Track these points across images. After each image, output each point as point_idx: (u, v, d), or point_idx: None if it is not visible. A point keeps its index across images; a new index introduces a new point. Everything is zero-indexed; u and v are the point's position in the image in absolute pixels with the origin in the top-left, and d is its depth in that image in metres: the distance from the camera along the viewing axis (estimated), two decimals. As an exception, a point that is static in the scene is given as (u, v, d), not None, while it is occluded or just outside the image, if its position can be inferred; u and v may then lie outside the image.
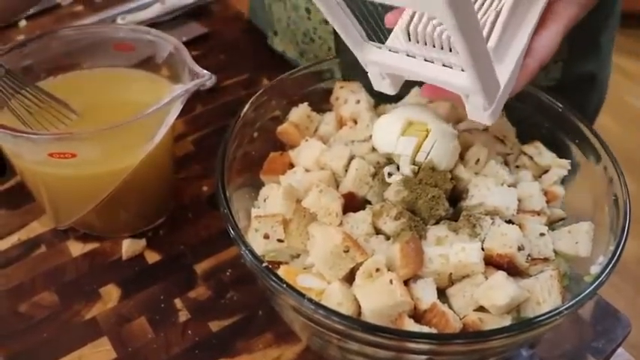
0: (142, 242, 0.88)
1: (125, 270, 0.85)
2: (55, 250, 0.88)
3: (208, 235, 0.89)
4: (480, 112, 0.62)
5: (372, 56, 0.65)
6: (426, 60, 0.62)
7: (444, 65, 0.61)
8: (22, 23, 1.31)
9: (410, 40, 0.63)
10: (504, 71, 0.62)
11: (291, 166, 0.78)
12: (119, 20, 1.26)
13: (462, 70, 0.59)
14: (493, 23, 0.62)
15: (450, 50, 0.60)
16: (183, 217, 0.92)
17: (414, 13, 0.63)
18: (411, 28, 0.62)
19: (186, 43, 1.18)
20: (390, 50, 0.65)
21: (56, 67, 0.90)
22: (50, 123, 0.80)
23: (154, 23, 1.28)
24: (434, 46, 0.61)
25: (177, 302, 0.81)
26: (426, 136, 0.69)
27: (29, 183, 0.84)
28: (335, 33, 1.01)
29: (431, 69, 0.61)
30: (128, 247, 0.87)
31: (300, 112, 0.80)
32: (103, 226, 0.88)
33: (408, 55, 0.63)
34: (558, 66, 1.04)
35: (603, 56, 1.15)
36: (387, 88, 0.69)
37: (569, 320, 0.78)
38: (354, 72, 0.79)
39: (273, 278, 0.59)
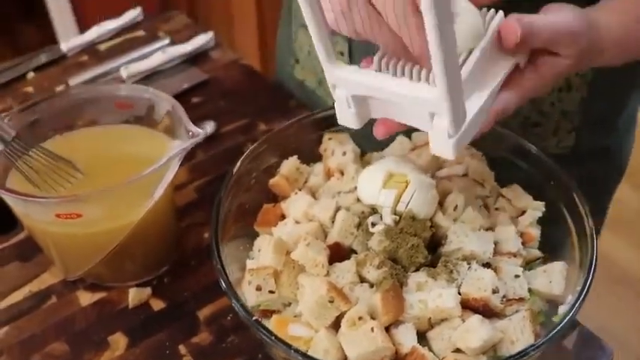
0: (148, 290, 0.93)
1: (132, 318, 0.90)
2: (65, 301, 0.93)
3: (209, 282, 0.93)
4: (444, 140, 0.62)
5: (341, 72, 0.65)
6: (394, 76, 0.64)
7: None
8: (30, 75, 1.36)
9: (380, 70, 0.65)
10: (470, 109, 0.64)
11: (283, 217, 0.82)
12: (122, 70, 1.31)
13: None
14: (462, 63, 0.65)
15: (419, 80, 0.62)
16: (186, 265, 0.96)
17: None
18: (384, 60, 0.64)
19: (188, 90, 1.25)
20: (359, 68, 0.65)
21: (61, 126, 0.95)
22: (57, 182, 0.85)
23: (156, 71, 1.33)
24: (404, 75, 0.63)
25: (182, 348, 0.86)
26: (406, 187, 0.74)
27: (38, 239, 0.90)
28: None
29: (400, 84, 0.62)
30: (134, 295, 0.92)
31: (290, 164, 0.85)
32: (110, 276, 0.93)
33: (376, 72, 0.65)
34: (571, 136, 1.06)
35: (622, 132, 1.16)
36: (352, 120, 0.69)
37: (552, 351, 0.82)
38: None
39: (263, 330, 0.63)
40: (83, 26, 2.85)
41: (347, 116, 0.69)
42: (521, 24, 0.66)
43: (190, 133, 0.82)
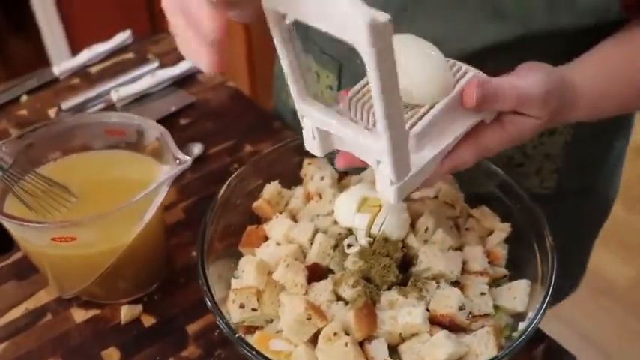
0: (139, 307, 0.98)
1: (124, 334, 0.95)
2: (61, 318, 0.98)
3: (197, 298, 0.99)
4: (387, 185, 0.66)
5: (308, 108, 0.69)
6: (351, 120, 0.68)
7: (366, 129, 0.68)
8: (24, 98, 1.41)
9: (349, 108, 0.70)
10: (420, 160, 0.68)
11: (266, 238, 0.88)
12: (113, 93, 1.36)
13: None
14: (423, 115, 0.69)
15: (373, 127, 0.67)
16: (175, 282, 1.02)
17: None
18: (354, 98, 0.69)
19: (176, 112, 1.30)
20: (324, 106, 0.69)
21: (55, 152, 1.00)
22: (52, 207, 0.90)
23: (145, 94, 1.39)
24: (362, 119, 0.68)
25: (171, 361, 0.91)
26: (379, 211, 0.79)
27: (34, 260, 0.95)
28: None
29: (353, 128, 0.66)
30: (126, 312, 0.97)
31: (271, 189, 0.91)
32: (103, 294, 0.98)
33: (338, 113, 0.69)
34: (554, 177, 1.08)
35: (608, 173, 1.17)
36: (316, 149, 0.72)
37: (522, 361, 0.88)
38: None
39: (245, 346, 0.69)
40: (75, 46, 2.90)
41: (312, 145, 0.72)
42: (483, 89, 0.67)
43: (178, 161, 0.87)
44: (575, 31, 0.87)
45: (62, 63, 1.49)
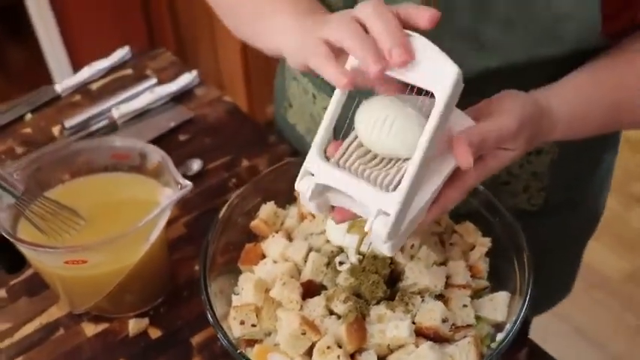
0: (146, 321, 1.04)
1: (132, 346, 1.02)
2: (72, 332, 1.04)
3: (201, 311, 1.03)
4: (381, 243, 0.71)
5: (321, 163, 0.73)
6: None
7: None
8: (28, 116, 1.46)
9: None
10: (411, 211, 0.72)
11: (264, 255, 0.94)
12: (114, 111, 1.41)
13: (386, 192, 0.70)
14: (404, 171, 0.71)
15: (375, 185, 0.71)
16: (179, 296, 1.08)
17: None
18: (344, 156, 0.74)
19: (175, 128, 1.36)
20: (334, 166, 0.72)
21: (63, 175, 1.07)
22: (62, 229, 0.97)
23: (145, 111, 1.44)
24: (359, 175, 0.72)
25: (177, 372, 0.98)
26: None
27: (46, 279, 1.01)
28: None
29: (360, 182, 0.70)
30: (134, 325, 1.03)
31: (268, 209, 0.97)
32: (112, 309, 1.04)
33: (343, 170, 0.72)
34: (541, 194, 1.10)
35: (596, 188, 1.20)
36: (314, 209, 0.76)
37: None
38: None
39: (244, 360, 0.76)
40: (74, 55, 2.95)
41: (310, 206, 0.76)
42: (473, 145, 0.70)
43: (179, 186, 0.93)
44: (558, 60, 0.91)
45: (64, 81, 1.54)
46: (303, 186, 0.74)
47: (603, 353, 2.41)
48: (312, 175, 0.73)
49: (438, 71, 0.66)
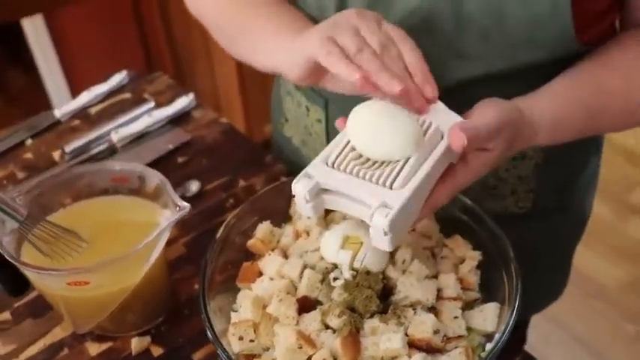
0: (148, 339, 1.07)
1: (135, 364, 1.04)
2: (76, 352, 1.06)
3: (201, 328, 1.05)
4: (381, 236, 0.76)
5: (325, 169, 0.80)
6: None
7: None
8: (29, 142, 1.49)
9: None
10: (407, 211, 0.79)
11: (261, 273, 0.97)
12: (113, 135, 1.44)
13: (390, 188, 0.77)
14: (400, 169, 0.79)
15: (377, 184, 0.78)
16: (180, 314, 1.11)
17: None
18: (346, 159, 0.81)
19: (173, 150, 1.39)
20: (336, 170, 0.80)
21: (64, 199, 1.09)
22: (65, 252, 0.99)
23: (143, 134, 1.47)
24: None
25: (179, 389, 1.00)
26: (360, 247, 0.89)
27: (50, 301, 1.04)
28: (327, 133, 1.21)
29: (361, 181, 0.78)
30: (136, 344, 1.06)
31: (264, 228, 1.00)
32: (114, 328, 1.07)
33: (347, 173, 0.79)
34: (529, 196, 1.13)
35: (583, 190, 1.22)
36: (309, 212, 0.81)
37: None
38: None
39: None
40: (75, 85, 2.98)
41: (305, 208, 0.81)
42: (468, 132, 0.76)
43: (178, 208, 0.96)
44: (539, 67, 0.95)
45: (63, 106, 1.57)
46: (299, 187, 0.79)
47: (602, 362, 2.43)
48: (310, 177, 0.79)
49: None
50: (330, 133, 1.20)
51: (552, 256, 1.30)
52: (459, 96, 0.90)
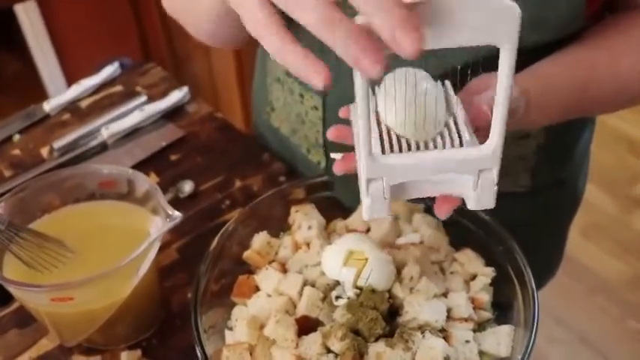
0: (138, 352, 1.01)
1: (125, 380, 0.98)
2: (62, 366, 1.01)
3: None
4: (491, 193, 0.66)
5: (388, 160, 0.62)
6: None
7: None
8: (16, 137, 1.43)
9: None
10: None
11: (257, 288, 0.91)
12: (103, 131, 1.38)
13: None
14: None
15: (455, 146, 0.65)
16: (173, 325, 1.05)
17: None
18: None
19: (166, 147, 1.32)
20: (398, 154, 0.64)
21: (49, 205, 1.03)
22: (49, 263, 0.93)
23: (135, 129, 1.41)
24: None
25: (171, 407, 0.94)
26: (365, 264, 0.82)
27: (34, 315, 0.98)
28: (323, 120, 1.14)
29: (447, 154, 0.63)
30: (126, 358, 1.00)
31: (260, 239, 0.94)
32: (104, 341, 1.01)
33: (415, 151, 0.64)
34: (527, 174, 1.10)
35: (577, 162, 1.21)
36: (385, 210, 0.65)
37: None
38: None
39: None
40: (70, 74, 2.93)
41: (380, 208, 0.65)
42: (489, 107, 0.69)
43: (168, 219, 0.90)
44: (540, 50, 0.91)
45: (52, 100, 1.51)
46: (375, 190, 0.64)
47: (605, 358, 2.39)
48: (376, 180, 0.63)
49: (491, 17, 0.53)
50: (327, 120, 1.14)
51: (549, 233, 1.30)
52: (463, 78, 0.84)
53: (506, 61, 0.56)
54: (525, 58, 0.90)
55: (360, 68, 0.52)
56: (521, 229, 0.88)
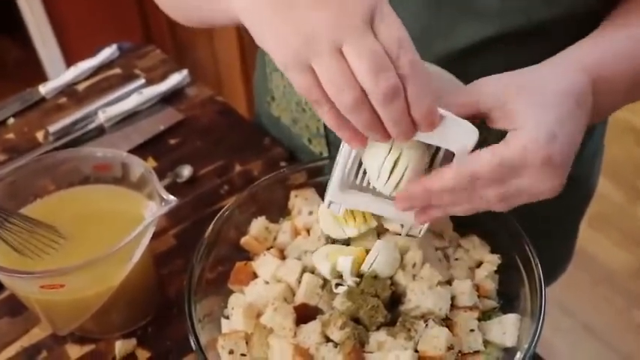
0: (133, 341, 0.98)
1: (119, 369, 0.95)
2: (56, 355, 0.98)
3: None
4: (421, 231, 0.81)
5: (348, 197, 0.77)
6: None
7: None
8: (10, 121, 1.40)
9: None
10: None
11: (255, 275, 0.88)
12: (100, 114, 1.35)
13: None
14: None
15: None
16: (169, 313, 1.02)
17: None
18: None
19: (165, 132, 1.29)
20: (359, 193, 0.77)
21: (41, 190, 1.00)
22: (40, 249, 0.90)
23: (133, 113, 1.38)
24: None
25: (166, 397, 0.91)
26: (364, 252, 0.79)
27: (25, 303, 0.95)
28: None
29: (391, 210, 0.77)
30: (120, 347, 0.97)
31: (258, 225, 0.91)
32: (98, 329, 0.98)
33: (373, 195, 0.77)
34: None
35: (589, 159, 1.19)
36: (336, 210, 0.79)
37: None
38: None
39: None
40: (70, 57, 2.91)
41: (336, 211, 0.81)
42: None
43: (163, 203, 0.86)
44: (553, 27, 0.87)
45: (48, 83, 1.48)
46: (335, 210, 0.80)
47: (608, 350, 2.37)
48: (335, 204, 0.79)
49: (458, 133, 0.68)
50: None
51: (560, 229, 1.28)
52: (472, 59, 0.85)
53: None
54: (536, 38, 0.87)
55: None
56: (532, 226, 0.86)
